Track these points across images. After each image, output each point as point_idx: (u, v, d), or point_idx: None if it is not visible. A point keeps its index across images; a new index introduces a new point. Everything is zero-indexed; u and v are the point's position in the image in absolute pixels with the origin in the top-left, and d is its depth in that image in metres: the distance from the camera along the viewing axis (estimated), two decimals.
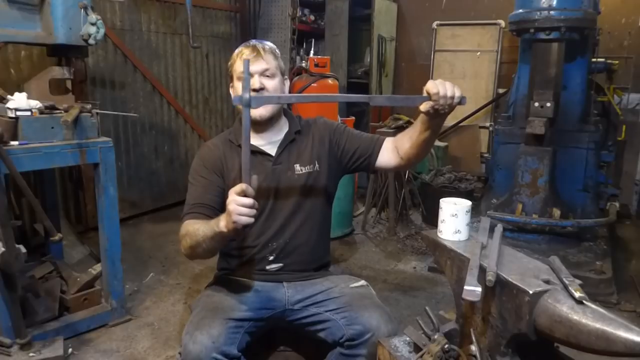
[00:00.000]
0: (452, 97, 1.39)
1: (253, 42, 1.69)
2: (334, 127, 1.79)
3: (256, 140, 1.69)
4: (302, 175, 1.70)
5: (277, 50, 1.72)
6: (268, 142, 1.72)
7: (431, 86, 1.39)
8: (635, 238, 4.05)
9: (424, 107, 1.41)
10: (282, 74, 1.71)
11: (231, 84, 1.73)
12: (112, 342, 2.43)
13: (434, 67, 5.70)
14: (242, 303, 1.60)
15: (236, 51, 1.69)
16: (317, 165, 1.72)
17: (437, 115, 1.45)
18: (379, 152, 1.70)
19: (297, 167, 1.69)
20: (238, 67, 1.65)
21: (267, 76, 1.64)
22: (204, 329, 1.45)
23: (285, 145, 1.71)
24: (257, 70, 1.62)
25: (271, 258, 1.69)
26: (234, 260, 1.75)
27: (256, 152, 1.68)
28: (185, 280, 3.13)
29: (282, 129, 1.74)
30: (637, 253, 3.72)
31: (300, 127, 1.76)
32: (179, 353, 1.51)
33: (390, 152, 1.69)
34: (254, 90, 1.60)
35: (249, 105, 1.31)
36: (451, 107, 1.41)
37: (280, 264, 1.70)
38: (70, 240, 3.09)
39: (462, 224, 1.41)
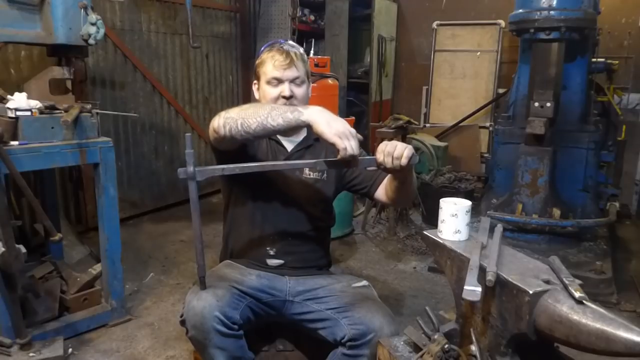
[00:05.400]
0: (399, 158, 1.39)
1: (285, 46, 1.69)
2: None
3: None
4: (310, 180, 1.74)
5: (305, 55, 1.74)
6: (287, 140, 1.76)
7: (380, 146, 1.42)
8: (635, 238, 4.05)
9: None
10: (308, 79, 1.74)
11: (255, 83, 1.76)
12: (112, 342, 2.43)
13: (434, 67, 5.70)
14: (246, 280, 1.64)
15: (265, 52, 1.70)
16: (325, 174, 1.75)
17: (391, 172, 1.48)
18: (379, 185, 1.72)
19: (307, 170, 1.74)
20: (269, 70, 1.66)
21: (297, 84, 1.67)
22: (209, 289, 1.48)
23: (302, 147, 1.76)
24: (288, 77, 1.65)
25: (272, 252, 1.72)
26: (235, 248, 1.79)
27: (273, 140, 1.74)
28: (185, 280, 3.12)
29: (301, 133, 1.78)
30: (637, 253, 3.72)
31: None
32: (181, 315, 1.52)
33: (383, 189, 1.72)
34: (284, 97, 1.63)
35: (194, 178, 1.35)
36: (402, 167, 1.41)
37: (281, 261, 1.72)
38: (70, 240, 3.09)
39: (462, 224, 1.41)
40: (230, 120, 1.47)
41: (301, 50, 1.73)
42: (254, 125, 1.43)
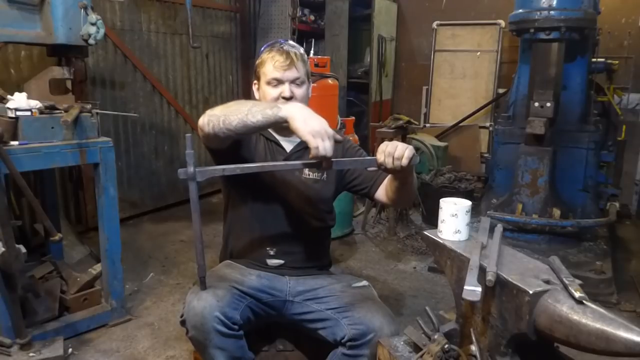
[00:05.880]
0: (400, 158, 1.38)
1: (285, 46, 1.68)
2: (347, 144, 1.82)
3: (276, 134, 1.75)
4: (309, 180, 1.74)
5: (305, 55, 1.73)
6: (286, 139, 1.75)
7: (381, 146, 1.41)
8: (635, 238, 4.05)
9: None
10: (308, 79, 1.73)
11: (255, 83, 1.75)
12: (112, 342, 2.43)
13: (434, 67, 5.70)
14: (246, 280, 1.64)
15: (266, 52, 1.69)
16: (325, 175, 1.75)
17: (391, 173, 1.47)
18: (379, 185, 1.71)
19: (306, 171, 1.73)
20: (269, 71, 1.65)
21: (297, 84, 1.66)
22: (210, 289, 1.48)
23: (301, 147, 1.73)
24: (288, 78, 1.64)
25: (272, 253, 1.72)
26: (235, 248, 1.79)
27: (272, 141, 1.74)
28: (185, 280, 3.12)
29: None
30: (637, 253, 3.72)
31: None
32: (181, 315, 1.52)
33: (384, 189, 1.71)
34: (284, 98, 1.63)
35: (194, 179, 1.36)
36: (403, 168, 1.40)
37: (281, 261, 1.72)
38: (70, 240, 3.09)
39: (462, 224, 1.41)
40: (213, 118, 1.47)
41: (301, 50, 1.73)
42: (235, 122, 1.42)
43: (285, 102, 1.46)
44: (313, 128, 1.33)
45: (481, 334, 1.28)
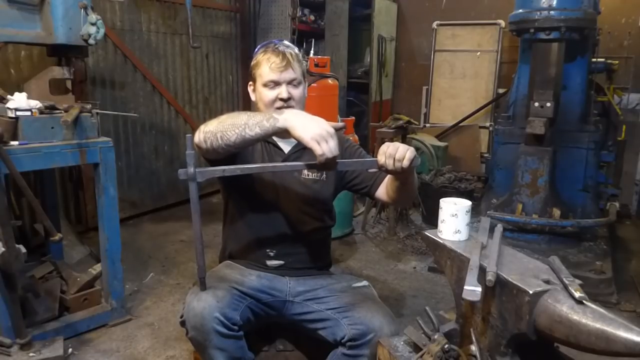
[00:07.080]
0: (401, 160, 1.38)
1: (281, 47, 1.67)
2: (347, 144, 1.81)
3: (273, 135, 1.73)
4: (308, 180, 1.73)
5: (300, 55, 1.72)
6: (283, 141, 1.74)
7: (382, 147, 1.41)
8: (635, 238, 4.05)
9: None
10: (305, 79, 1.72)
11: (251, 84, 1.74)
12: (112, 342, 2.43)
13: (433, 67, 5.70)
14: (246, 280, 1.64)
15: (261, 54, 1.68)
16: (324, 174, 1.74)
17: (392, 174, 1.47)
18: (380, 184, 1.71)
19: (305, 171, 1.72)
20: (265, 73, 1.64)
21: (294, 85, 1.65)
22: (209, 290, 1.49)
23: (299, 148, 1.72)
24: (285, 79, 1.63)
25: (271, 254, 1.72)
26: (235, 249, 1.78)
27: (270, 143, 1.73)
28: (185, 280, 3.12)
29: None
30: (637, 253, 3.72)
31: None
32: (181, 316, 1.52)
33: (384, 188, 1.70)
34: (282, 99, 1.62)
35: (194, 179, 1.36)
36: (404, 169, 1.40)
37: (281, 262, 1.72)
38: (70, 240, 3.09)
39: (462, 224, 1.41)
40: (209, 135, 1.47)
41: (296, 50, 1.71)
42: (233, 138, 1.44)
43: (281, 111, 1.46)
44: (314, 132, 1.34)
45: (481, 334, 1.28)
